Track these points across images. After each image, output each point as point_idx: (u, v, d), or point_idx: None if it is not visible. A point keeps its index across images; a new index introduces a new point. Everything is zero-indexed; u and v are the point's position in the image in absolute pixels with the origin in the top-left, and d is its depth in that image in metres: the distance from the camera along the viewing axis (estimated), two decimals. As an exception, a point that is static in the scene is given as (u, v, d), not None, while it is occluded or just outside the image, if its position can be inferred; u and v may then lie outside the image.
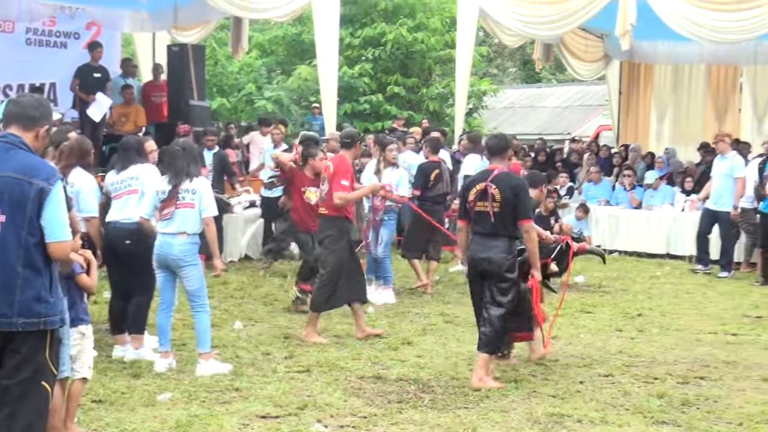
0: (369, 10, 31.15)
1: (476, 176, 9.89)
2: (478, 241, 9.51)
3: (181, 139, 10.58)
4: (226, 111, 29.01)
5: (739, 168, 17.39)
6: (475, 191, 9.49)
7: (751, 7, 17.61)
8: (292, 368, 9.80)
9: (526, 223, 9.40)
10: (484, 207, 9.39)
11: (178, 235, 9.56)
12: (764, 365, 10.41)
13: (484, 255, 9.41)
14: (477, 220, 9.51)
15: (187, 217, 9.56)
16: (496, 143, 9.96)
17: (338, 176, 11.26)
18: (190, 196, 9.58)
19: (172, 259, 9.59)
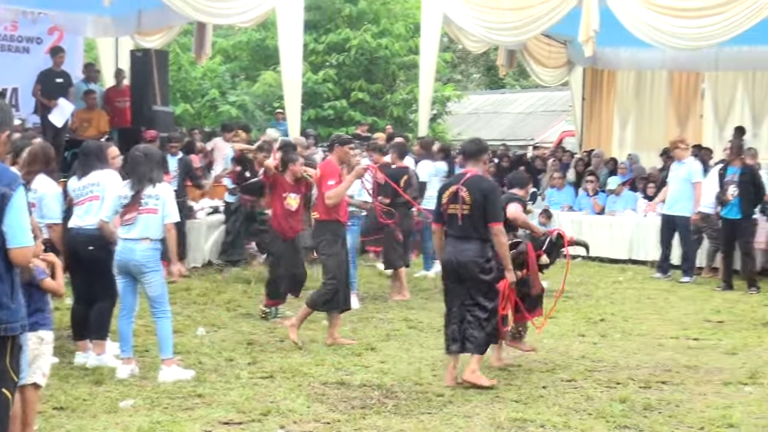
0: (333, 16, 31.17)
1: (450, 179, 10.07)
2: (451, 243, 9.61)
3: (143, 145, 10.53)
4: (189, 116, 28.92)
5: (696, 173, 17.56)
6: (448, 194, 9.61)
7: (712, 14, 17.75)
8: (255, 374, 9.78)
9: (495, 226, 9.45)
10: (455, 210, 9.51)
11: (141, 240, 9.52)
12: (725, 370, 10.48)
13: (455, 258, 9.53)
14: (449, 223, 9.62)
15: (150, 222, 9.53)
16: (470, 147, 10.02)
17: (325, 178, 11.39)
18: (154, 201, 9.55)
19: (134, 265, 9.55)
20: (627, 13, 18.36)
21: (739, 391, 9.59)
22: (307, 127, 25.63)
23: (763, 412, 8.80)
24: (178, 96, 28.66)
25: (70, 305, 10.79)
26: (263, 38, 31.11)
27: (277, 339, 11.63)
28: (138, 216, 9.53)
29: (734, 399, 9.26)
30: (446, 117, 34.17)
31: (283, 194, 12.73)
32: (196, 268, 17.13)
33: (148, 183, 9.59)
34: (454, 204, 9.52)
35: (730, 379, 10.04)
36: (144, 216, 9.54)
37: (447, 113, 34.03)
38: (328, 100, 29.91)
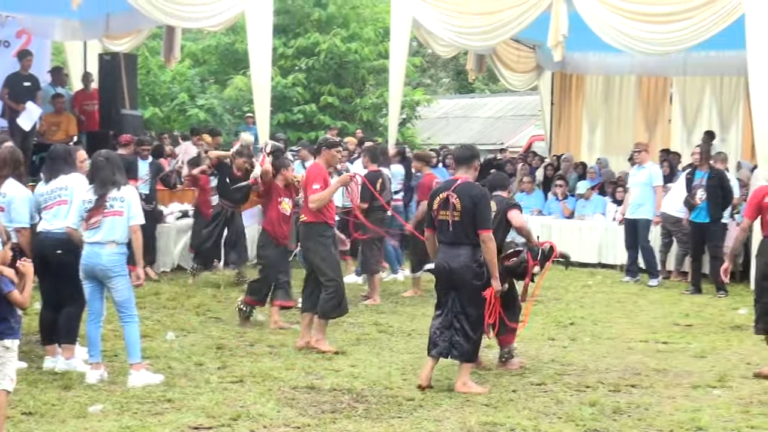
0: (302, 20, 31.13)
1: (441, 185, 10.03)
2: (443, 249, 9.70)
3: (105, 150, 10.44)
4: (158, 120, 28.82)
5: (656, 177, 17.78)
6: (439, 200, 9.68)
7: (680, 19, 17.82)
8: (225, 379, 9.75)
9: (485, 233, 9.50)
10: (446, 216, 9.58)
11: (107, 244, 9.47)
12: (694, 373, 10.54)
13: (448, 264, 9.59)
14: (440, 229, 9.70)
15: (115, 224, 9.49)
16: (462, 153, 10.06)
17: (311, 182, 11.33)
18: (119, 204, 9.52)
19: (100, 270, 9.50)
20: (595, 17, 18.42)
21: (707, 395, 9.64)
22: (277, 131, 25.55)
23: (732, 416, 8.85)
24: (147, 100, 28.58)
25: (38, 310, 10.71)
26: (232, 42, 31.03)
27: (246, 343, 11.60)
28: (103, 219, 9.49)
29: (703, 402, 9.31)
30: (416, 121, 34.17)
31: (279, 199, 12.73)
32: (165, 272, 17.08)
33: (112, 186, 9.55)
34: (445, 210, 9.59)
35: (699, 382, 10.10)
36: (109, 219, 9.49)
37: (416, 117, 34.04)
38: (298, 104, 29.85)
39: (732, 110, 23.32)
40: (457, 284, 9.59)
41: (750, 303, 15.12)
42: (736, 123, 23.18)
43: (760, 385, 10.04)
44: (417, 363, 10.60)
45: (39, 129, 18.09)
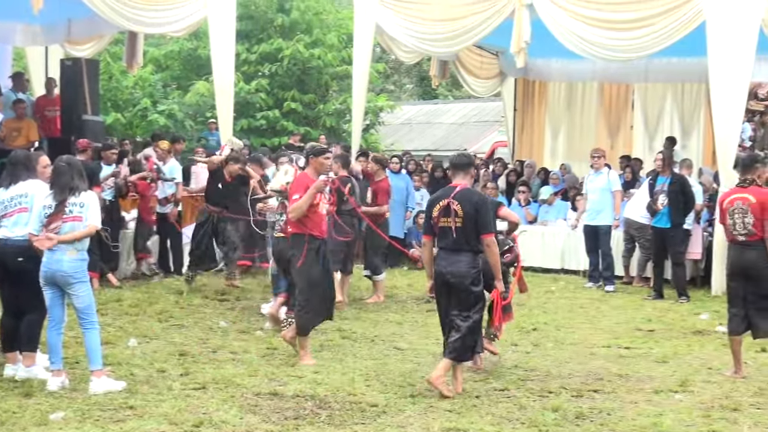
0: (265, 26, 31.13)
1: (439, 193, 10.13)
2: (443, 256, 9.82)
3: (66, 155, 10.38)
4: (120, 126, 28.64)
5: (615, 182, 17.94)
6: (439, 207, 9.82)
7: (642, 27, 17.94)
8: (187, 385, 9.70)
9: (488, 237, 9.70)
10: (447, 223, 9.74)
11: (67, 251, 9.40)
12: (656, 378, 10.59)
13: (449, 269, 9.72)
14: (441, 236, 9.85)
15: (75, 230, 9.42)
16: (459, 160, 10.21)
17: (292, 192, 11.25)
18: (78, 209, 9.45)
19: (61, 276, 9.43)
20: (558, 24, 18.51)
21: (669, 399, 9.69)
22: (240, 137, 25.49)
23: (693, 420, 8.89)
24: (109, 105, 28.38)
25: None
26: (195, 48, 30.96)
27: (209, 350, 11.56)
28: (63, 225, 9.42)
29: (665, 407, 9.34)
30: (379, 127, 34.21)
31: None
32: (127, 279, 17.00)
33: (71, 192, 9.49)
34: (446, 217, 9.74)
35: (661, 387, 10.14)
36: (69, 224, 9.42)
37: (380, 123, 34.08)
38: (261, 110, 29.85)
39: (693, 117, 23.46)
40: (457, 289, 9.72)
41: (711, 308, 15.32)
42: (698, 129, 23.32)
43: (722, 389, 10.10)
44: (380, 369, 10.60)
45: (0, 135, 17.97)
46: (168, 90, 31.57)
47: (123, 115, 28.83)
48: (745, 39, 16.69)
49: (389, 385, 9.89)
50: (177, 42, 30.91)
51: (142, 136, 27.33)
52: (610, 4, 18.40)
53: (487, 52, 24.54)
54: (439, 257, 9.89)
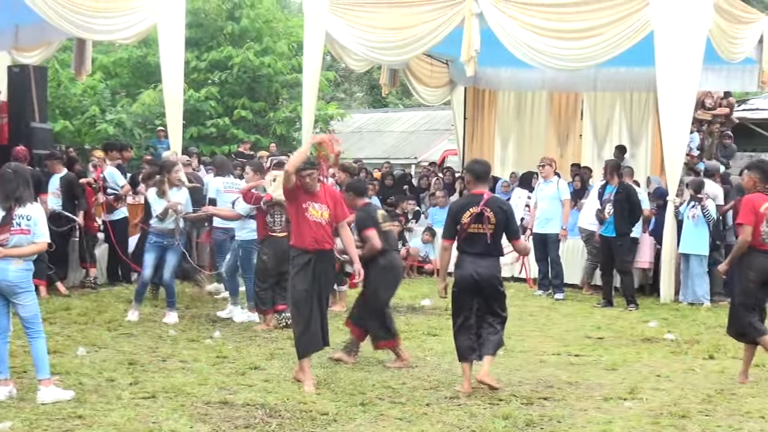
0: (215, 34, 31.10)
1: (466, 200, 10.46)
2: (471, 260, 10.19)
3: (14, 163, 10.26)
4: (69, 134, 28.49)
5: (564, 190, 18.05)
6: (470, 214, 10.14)
7: (590, 36, 18.08)
8: (137, 394, 9.63)
9: (519, 243, 10.63)
10: (479, 229, 10.14)
11: (13, 261, 9.30)
12: (606, 385, 10.64)
13: (480, 272, 10.15)
14: (471, 242, 10.19)
15: (22, 243, 9.32)
16: (482, 168, 10.52)
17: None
18: (25, 222, 9.32)
19: (7, 286, 9.31)
20: (507, 34, 18.60)
21: (619, 406, 9.73)
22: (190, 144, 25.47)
23: (643, 427, 8.94)
24: (58, 113, 28.24)
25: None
26: (144, 55, 30.86)
27: (159, 359, 11.48)
28: (10, 237, 9.32)
29: (615, 414, 9.39)
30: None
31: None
32: (76, 287, 16.87)
33: (17, 202, 9.37)
34: (478, 224, 10.14)
35: (611, 394, 10.19)
36: (17, 237, 9.32)
37: (330, 131, 34.06)
38: (211, 118, 29.80)
39: (642, 126, 23.63)
40: (487, 291, 10.21)
41: (659, 316, 15.44)
42: (646, 138, 23.49)
43: (670, 396, 10.16)
44: (330, 377, 10.58)
45: (-53, 142, 17.82)
46: (117, 98, 31.40)
47: (71, 123, 28.68)
48: (692, 49, 16.89)
49: (339, 393, 9.87)
50: (126, 49, 30.81)
51: (91, 143, 27.17)
52: (559, 13, 18.52)
53: (437, 60, 24.61)
54: (465, 261, 10.22)
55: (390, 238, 11.80)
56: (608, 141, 23.85)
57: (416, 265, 20.64)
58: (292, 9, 39.53)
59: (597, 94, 24.15)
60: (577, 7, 18.33)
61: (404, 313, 15.61)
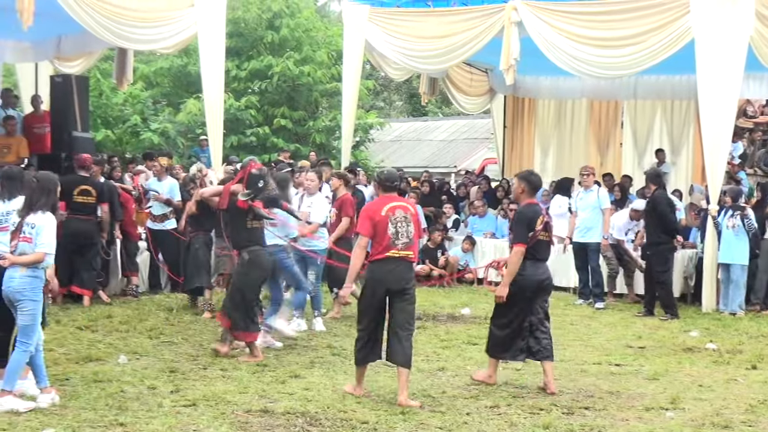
0: (255, 43, 31.20)
1: (535, 209, 11.01)
2: (536, 265, 10.87)
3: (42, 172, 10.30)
4: (110, 143, 28.67)
5: (605, 199, 17.93)
6: (540, 222, 10.84)
7: (631, 44, 18.02)
8: (178, 402, 9.67)
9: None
10: (546, 237, 10.97)
11: (19, 268, 9.31)
12: (647, 395, 10.58)
13: (547, 276, 11.00)
14: (539, 248, 10.90)
15: (24, 251, 9.31)
16: (538, 180, 11.30)
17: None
18: (29, 229, 9.32)
19: (10, 292, 9.31)
20: (547, 42, 18.58)
21: (660, 417, 9.67)
22: (230, 153, 25.56)
23: (684, 437, 8.90)
24: (99, 122, 28.41)
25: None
26: (185, 64, 31.00)
27: (200, 366, 11.52)
28: (18, 243, 9.37)
29: (656, 424, 9.34)
30: (369, 144, 34.25)
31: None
32: (117, 295, 16.97)
33: (29, 210, 9.41)
34: (546, 232, 10.92)
35: (652, 404, 10.13)
36: (21, 244, 9.34)
37: (370, 140, 34.12)
38: (251, 127, 29.89)
39: (683, 134, 23.56)
40: (546, 294, 11.05)
41: (701, 326, 15.33)
42: (687, 147, 23.41)
43: (712, 406, 10.09)
44: (371, 386, 10.57)
45: (-11, 151, 17.99)
46: (158, 107, 31.57)
47: (113, 132, 28.86)
48: (733, 56, 16.78)
49: (380, 402, 9.88)
50: (167, 59, 30.94)
51: (132, 152, 27.34)
52: (599, 21, 18.48)
53: (476, 69, 24.61)
54: (530, 266, 10.77)
55: (255, 234, 12.22)
56: (649, 149, 23.80)
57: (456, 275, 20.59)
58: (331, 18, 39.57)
59: (637, 102, 24.10)
60: (617, 15, 18.27)
61: (444, 321, 15.60)
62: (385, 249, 10.04)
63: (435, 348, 12.99)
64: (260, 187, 12.24)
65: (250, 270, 12.09)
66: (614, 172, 22.50)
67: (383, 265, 10.06)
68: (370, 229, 10.10)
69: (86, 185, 16.10)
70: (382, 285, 10.06)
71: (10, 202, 9.94)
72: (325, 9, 46.22)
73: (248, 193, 12.12)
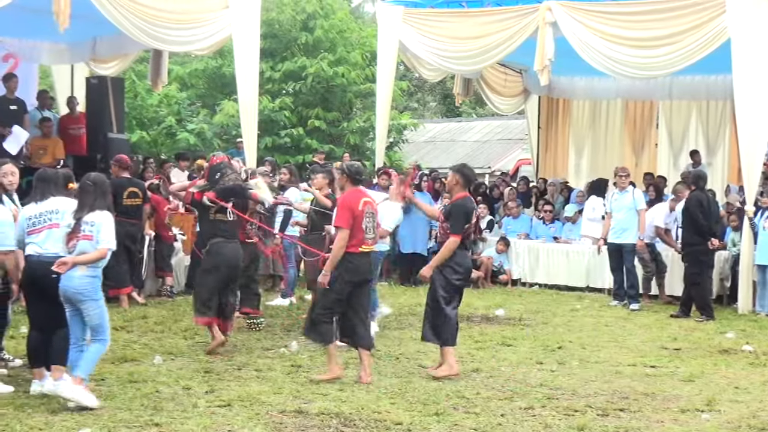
0: (289, 44, 31.24)
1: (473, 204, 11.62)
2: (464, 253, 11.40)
3: (94, 173, 10.41)
4: (145, 144, 28.80)
5: (640, 200, 17.84)
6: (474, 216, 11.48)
7: (666, 44, 17.95)
8: (213, 403, 9.70)
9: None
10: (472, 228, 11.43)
11: (78, 268, 9.39)
12: (683, 397, 10.53)
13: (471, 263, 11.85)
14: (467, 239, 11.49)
15: (85, 249, 9.41)
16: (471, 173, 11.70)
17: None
18: (89, 227, 9.43)
19: (72, 293, 9.41)
20: (582, 42, 18.53)
21: (696, 419, 9.62)
22: (264, 154, 25.60)
23: (721, 439, 8.85)
24: (134, 123, 28.54)
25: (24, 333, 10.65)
26: (219, 66, 31.10)
27: (234, 367, 11.55)
28: (77, 243, 9.45)
29: (691, 426, 9.29)
30: (403, 145, 34.25)
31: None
32: (152, 296, 17.05)
33: (88, 210, 9.51)
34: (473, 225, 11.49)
35: (688, 406, 10.08)
36: (81, 243, 9.43)
37: (404, 141, 34.11)
38: (285, 128, 29.95)
39: (718, 134, 23.46)
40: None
41: (737, 327, 15.23)
42: (723, 147, 23.31)
43: (749, 408, 10.03)
44: (405, 387, 10.58)
45: (26, 153, 18.08)
46: (193, 109, 31.68)
47: (148, 133, 28.98)
48: (770, 56, 16.67)
49: (414, 403, 9.87)
50: (201, 60, 31.06)
51: (167, 153, 27.44)
52: (634, 21, 18.41)
53: (510, 69, 24.55)
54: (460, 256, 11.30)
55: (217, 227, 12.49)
56: (684, 150, 23.69)
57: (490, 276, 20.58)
58: (365, 19, 39.63)
59: (673, 102, 24.01)
60: (653, 15, 18.19)
61: (478, 322, 15.58)
62: (359, 243, 10.81)
63: (469, 349, 12.97)
64: (216, 179, 12.60)
65: (211, 262, 12.51)
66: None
67: (358, 259, 10.84)
68: (351, 222, 10.77)
69: (133, 187, 16.25)
70: (356, 276, 10.85)
71: (42, 203, 10.01)
72: (359, 10, 46.30)
73: (203, 185, 12.63)
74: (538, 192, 23.57)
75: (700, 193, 16.88)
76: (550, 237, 20.88)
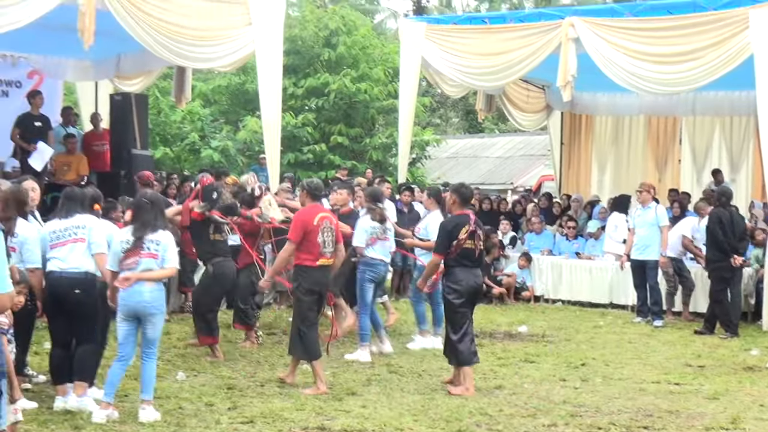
0: (312, 61, 31.31)
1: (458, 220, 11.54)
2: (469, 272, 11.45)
3: (150, 191, 10.62)
4: (169, 160, 28.90)
5: (663, 217, 17.80)
6: (466, 232, 11.33)
7: (689, 60, 17.89)
8: (235, 419, 9.71)
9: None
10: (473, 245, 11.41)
11: (146, 282, 9.57)
12: (707, 414, 10.48)
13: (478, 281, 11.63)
14: (466, 256, 11.42)
15: (150, 267, 9.60)
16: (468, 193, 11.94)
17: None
18: (155, 246, 9.66)
19: (143, 307, 9.57)
20: (604, 58, 18.50)
21: (720, 436, 9.59)
22: (287, 170, 25.65)
23: (745, 457, 8.80)
24: (158, 140, 28.65)
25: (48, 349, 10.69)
26: (243, 82, 31.21)
27: (257, 383, 11.57)
28: (140, 260, 9.60)
29: (716, 444, 9.26)
30: (425, 161, 34.25)
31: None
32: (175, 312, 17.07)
33: (152, 230, 9.66)
34: (472, 240, 11.35)
35: (712, 424, 10.03)
36: (146, 260, 9.64)
37: (426, 157, 34.11)
38: (308, 144, 29.99)
39: (742, 150, 23.35)
40: (478, 298, 12.13)
41: (762, 344, 15.15)
42: (747, 163, 23.20)
43: (773, 426, 9.99)
44: (428, 404, 10.57)
45: (50, 169, 18.17)
46: (216, 125, 31.77)
47: (171, 150, 29.08)
48: (793, 72, 16.61)
49: (437, 420, 9.86)
50: (225, 77, 31.17)
51: (190, 170, 27.51)
52: (657, 37, 18.36)
53: (533, 85, 24.53)
54: (464, 273, 11.38)
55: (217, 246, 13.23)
56: (707, 166, 23.59)
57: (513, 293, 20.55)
58: (388, 35, 39.67)
59: (696, 118, 23.92)
60: (676, 31, 18.14)
61: (501, 339, 15.56)
62: (317, 257, 11.33)
63: (492, 366, 12.95)
64: (214, 198, 13.20)
65: (212, 281, 13.19)
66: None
67: (317, 272, 11.38)
68: (301, 237, 11.28)
69: None
70: (316, 286, 11.39)
71: (67, 219, 10.11)
72: (381, 26, 46.37)
73: (204, 205, 13.13)
74: (561, 208, 23.51)
75: (722, 210, 16.79)
76: (573, 253, 20.82)
